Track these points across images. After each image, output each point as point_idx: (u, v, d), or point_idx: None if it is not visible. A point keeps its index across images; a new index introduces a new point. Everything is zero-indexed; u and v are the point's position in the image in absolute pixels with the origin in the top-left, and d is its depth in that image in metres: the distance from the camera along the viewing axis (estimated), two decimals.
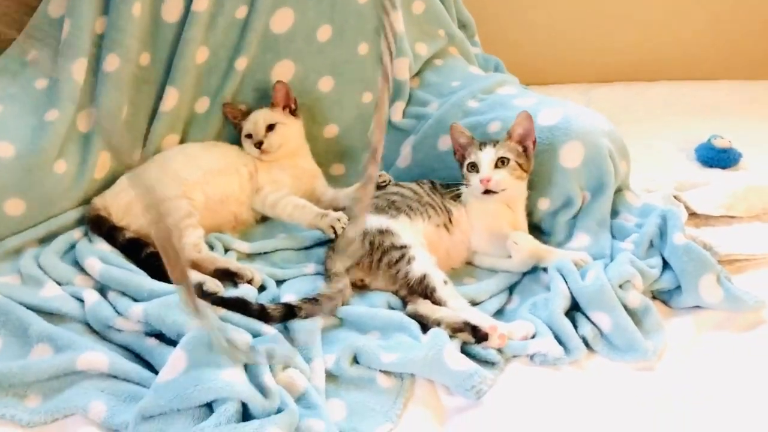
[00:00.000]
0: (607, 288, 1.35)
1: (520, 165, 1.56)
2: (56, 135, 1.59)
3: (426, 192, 1.64)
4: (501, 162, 1.55)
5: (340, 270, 1.47)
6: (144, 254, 1.49)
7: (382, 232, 1.50)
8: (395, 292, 1.47)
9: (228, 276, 1.48)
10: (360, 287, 1.50)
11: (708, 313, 1.41)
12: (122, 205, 1.60)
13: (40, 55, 1.71)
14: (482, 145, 1.59)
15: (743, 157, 2.08)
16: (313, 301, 1.36)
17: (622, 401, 1.19)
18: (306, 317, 1.33)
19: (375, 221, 1.53)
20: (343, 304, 1.40)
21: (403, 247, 1.47)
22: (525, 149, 1.58)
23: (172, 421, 1.05)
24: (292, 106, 1.85)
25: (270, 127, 1.78)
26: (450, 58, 2.10)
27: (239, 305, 1.33)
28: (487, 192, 1.55)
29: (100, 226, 1.57)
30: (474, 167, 1.58)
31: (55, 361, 1.18)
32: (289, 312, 1.33)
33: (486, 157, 1.56)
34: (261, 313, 1.32)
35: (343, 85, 1.95)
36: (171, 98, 1.79)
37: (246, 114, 1.84)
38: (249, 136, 1.80)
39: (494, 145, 1.58)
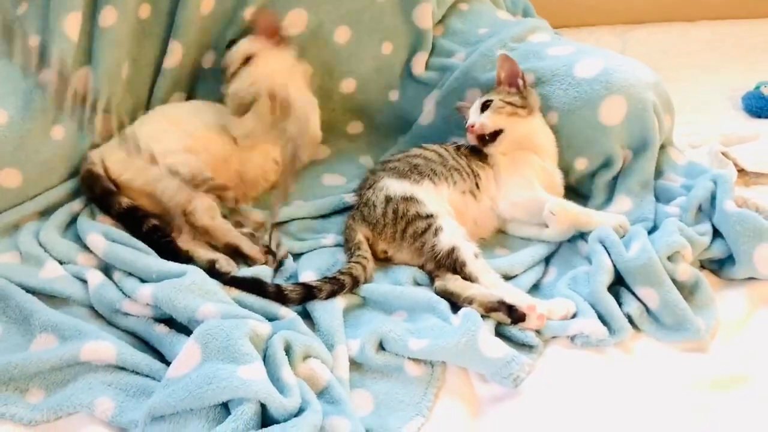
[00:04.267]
0: (655, 261, 1.25)
1: (510, 102, 1.51)
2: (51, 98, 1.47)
3: (451, 155, 1.52)
4: (484, 107, 1.53)
5: (362, 241, 1.38)
6: (146, 227, 1.38)
7: (406, 200, 1.40)
8: (421, 267, 1.38)
9: (240, 253, 1.39)
10: (383, 260, 1.41)
11: (762, 285, 1.32)
12: (121, 157, 1.45)
13: (29, 8, 1.57)
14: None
15: None
16: (333, 280, 1.27)
17: (671, 386, 1.12)
18: (326, 298, 1.25)
19: (398, 187, 1.42)
20: (365, 281, 1.32)
21: (429, 216, 1.37)
22: (518, 89, 1.54)
23: (185, 423, 0.97)
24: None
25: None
26: (476, 2, 1.97)
27: (254, 286, 1.25)
28: (480, 140, 1.51)
29: (93, 187, 1.45)
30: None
31: (58, 351, 1.10)
32: (308, 293, 1.25)
33: (472, 108, 1.56)
34: (278, 295, 1.24)
35: (360, 35, 1.83)
36: (175, 53, 1.71)
37: None
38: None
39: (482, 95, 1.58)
